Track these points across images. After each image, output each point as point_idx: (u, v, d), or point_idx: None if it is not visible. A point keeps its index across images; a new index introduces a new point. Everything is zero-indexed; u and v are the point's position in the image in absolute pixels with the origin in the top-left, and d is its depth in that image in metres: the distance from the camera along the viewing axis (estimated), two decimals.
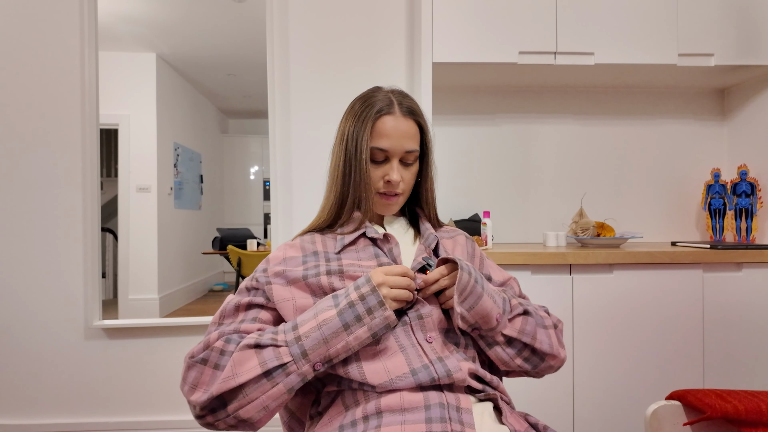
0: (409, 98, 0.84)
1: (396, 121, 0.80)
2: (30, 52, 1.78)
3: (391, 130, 0.79)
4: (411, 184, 0.85)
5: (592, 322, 1.52)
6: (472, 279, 0.71)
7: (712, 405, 0.75)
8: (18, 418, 1.79)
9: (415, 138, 0.82)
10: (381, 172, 0.81)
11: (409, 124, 0.81)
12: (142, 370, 1.82)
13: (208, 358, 0.66)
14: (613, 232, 1.76)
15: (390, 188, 0.81)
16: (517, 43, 1.63)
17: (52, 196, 1.79)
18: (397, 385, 0.65)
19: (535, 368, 0.78)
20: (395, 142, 0.79)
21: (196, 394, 0.65)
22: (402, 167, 0.82)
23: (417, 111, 0.84)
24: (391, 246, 0.81)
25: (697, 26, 1.66)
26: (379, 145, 0.79)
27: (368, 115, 0.80)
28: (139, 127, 2.07)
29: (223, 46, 2.20)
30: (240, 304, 0.74)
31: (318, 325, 0.65)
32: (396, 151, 0.80)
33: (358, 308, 0.66)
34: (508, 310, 0.75)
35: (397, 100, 0.82)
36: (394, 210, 0.84)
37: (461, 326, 0.71)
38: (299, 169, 1.88)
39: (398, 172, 0.80)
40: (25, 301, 1.78)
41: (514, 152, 2.00)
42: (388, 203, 0.83)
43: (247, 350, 0.64)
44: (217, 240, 2.48)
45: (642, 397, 1.52)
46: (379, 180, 0.81)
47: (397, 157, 0.81)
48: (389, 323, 0.66)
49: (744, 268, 1.55)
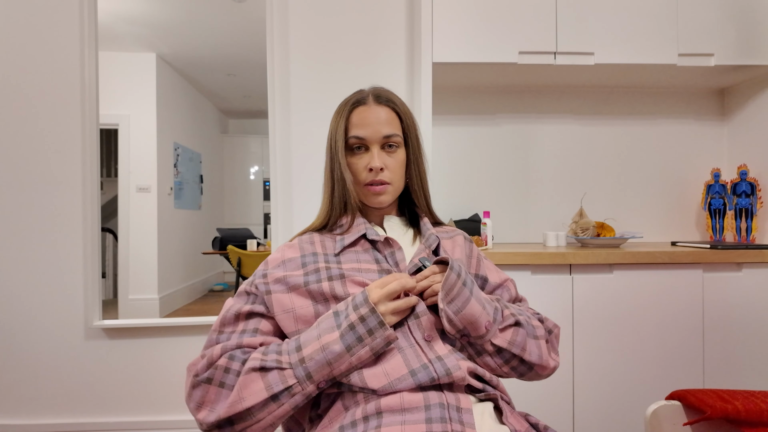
0: (387, 91, 0.86)
1: (369, 109, 0.82)
2: (30, 52, 1.78)
3: (365, 118, 0.81)
4: (398, 173, 0.84)
5: (592, 322, 1.52)
6: (459, 281, 0.71)
7: (712, 405, 0.75)
8: (18, 418, 1.79)
9: (392, 124, 0.82)
10: (363, 162, 0.82)
11: (385, 110, 0.83)
12: (142, 370, 1.82)
13: (213, 377, 0.66)
14: (613, 232, 1.76)
15: (374, 176, 0.81)
16: (517, 43, 1.63)
17: (52, 196, 1.79)
18: (397, 388, 0.65)
19: (522, 376, 0.79)
20: (371, 129, 0.81)
21: (202, 413, 0.66)
22: (385, 154, 0.82)
23: (393, 99, 0.85)
24: (393, 250, 0.80)
25: (697, 26, 1.66)
26: (355, 134, 0.81)
27: (344, 108, 0.83)
28: (139, 127, 2.07)
29: (223, 46, 2.20)
30: (240, 313, 0.74)
31: (321, 348, 0.65)
32: (374, 138, 0.81)
33: (359, 330, 0.66)
34: (499, 320, 0.75)
35: (372, 93, 0.85)
36: (385, 201, 0.83)
37: (449, 331, 0.71)
38: (299, 169, 1.88)
39: (380, 159, 0.80)
40: (25, 301, 1.78)
41: (514, 152, 2.00)
42: (375, 193, 0.82)
43: (252, 373, 0.65)
44: (217, 240, 2.48)
45: (642, 397, 1.52)
46: (363, 170, 0.82)
47: (377, 144, 0.81)
48: (390, 341, 0.67)
49: (744, 268, 1.55)
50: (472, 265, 0.88)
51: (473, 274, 0.87)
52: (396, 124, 0.83)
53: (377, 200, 0.83)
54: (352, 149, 0.82)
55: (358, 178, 0.82)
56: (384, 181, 0.82)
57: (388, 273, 0.77)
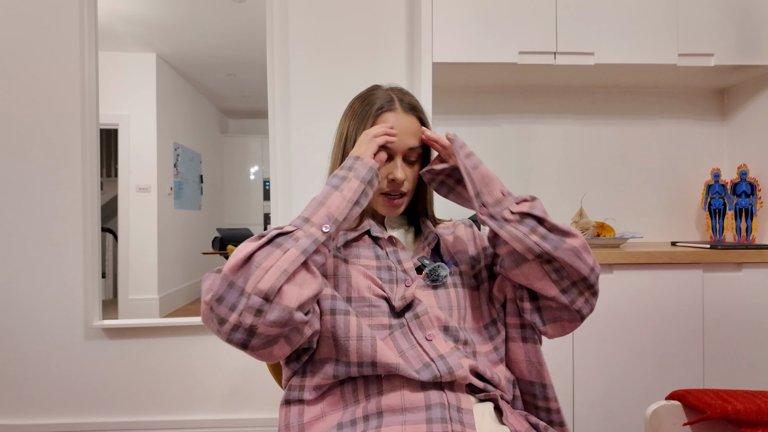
0: (409, 95, 0.83)
1: (397, 117, 0.79)
2: (30, 52, 1.78)
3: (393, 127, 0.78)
4: (415, 184, 0.83)
5: (592, 322, 1.52)
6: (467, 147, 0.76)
7: (712, 405, 0.75)
8: (18, 418, 1.79)
9: (417, 134, 0.80)
10: (385, 171, 0.79)
11: (411, 120, 0.80)
12: (142, 370, 1.82)
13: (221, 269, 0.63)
14: (613, 232, 1.76)
15: (395, 187, 0.79)
16: (517, 43, 1.63)
17: (52, 196, 1.79)
18: (403, 371, 0.65)
19: (556, 249, 0.68)
20: (398, 139, 0.77)
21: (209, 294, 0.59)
22: (406, 166, 0.80)
23: (418, 107, 0.82)
24: (396, 249, 0.80)
25: (697, 26, 1.66)
26: None
27: (369, 113, 0.79)
28: (139, 127, 2.06)
29: (223, 46, 2.20)
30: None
31: (312, 200, 0.70)
32: (399, 149, 0.78)
33: (342, 172, 0.71)
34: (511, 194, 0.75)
35: (397, 96, 0.81)
36: (398, 212, 0.82)
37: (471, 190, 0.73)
38: (299, 169, 1.88)
39: (402, 170, 0.78)
40: (25, 301, 1.78)
41: (514, 152, 2.00)
42: (392, 205, 0.80)
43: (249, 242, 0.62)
44: (217, 240, 2.47)
45: (642, 397, 1.52)
46: (383, 179, 0.79)
47: (401, 155, 0.79)
48: (371, 166, 0.71)
49: (744, 268, 1.55)
50: (477, 244, 0.87)
51: (482, 248, 0.86)
52: (420, 135, 0.81)
53: (393, 211, 0.82)
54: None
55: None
56: (403, 193, 0.80)
57: (387, 269, 0.77)
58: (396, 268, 0.77)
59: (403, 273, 0.77)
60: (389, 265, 0.77)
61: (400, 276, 0.76)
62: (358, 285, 0.72)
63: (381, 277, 0.75)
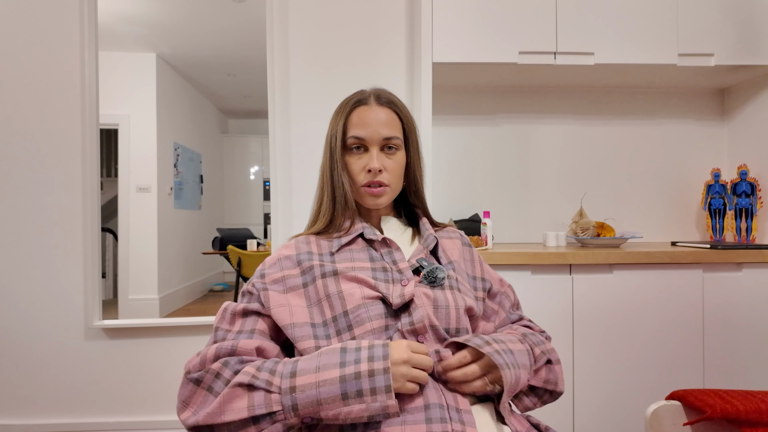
0: (388, 93, 0.85)
1: (370, 109, 0.81)
2: (30, 52, 1.78)
3: (365, 118, 0.80)
4: (397, 176, 0.83)
5: (592, 322, 1.52)
6: (512, 372, 0.66)
7: (712, 405, 0.75)
8: (18, 418, 1.79)
9: (392, 125, 0.82)
10: (362, 163, 0.81)
11: (386, 112, 0.82)
12: (142, 370, 1.82)
13: (202, 380, 0.66)
14: (613, 232, 1.76)
15: (372, 177, 0.80)
16: (517, 43, 1.63)
17: (53, 195, 1.79)
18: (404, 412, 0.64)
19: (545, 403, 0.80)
20: (371, 129, 0.80)
21: (185, 414, 0.65)
22: (384, 156, 0.81)
23: (394, 101, 0.84)
24: (391, 250, 0.80)
25: (697, 26, 1.66)
26: (354, 134, 0.80)
27: (344, 109, 0.82)
28: (139, 127, 2.07)
29: (223, 46, 2.20)
30: (236, 311, 0.73)
31: (316, 383, 0.61)
32: (373, 139, 0.80)
33: (363, 384, 0.61)
34: (533, 363, 0.74)
35: (374, 93, 0.84)
36: (382, 203, 0.83)
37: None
38: (299, 169, 1.88)
39: (378, 160, 0.79)
40: (25, 301, 1.78)
41: (514, 152, 2.00)
42: (373, 195, 0.81)
43: (239, 389, 0.63)
44: (217, 240, 2.47)
45: (642, 397, 1.52)
46: (361, 171, 0.81)
47: (377, 146, 0.80)
48: (389, 413, 0.61)
49: (744, 268, 1.55)
50: (476, 269, 0.88)
51: (479, 278, 0.87)
52: (397, 126, 0.82)
53: (374, 202, 0.82)
54: (350, 149, 0.82)
55: (355, 179, 0.81)
56: (382, 183, 0.81)
57: (383, 270, 0.77)
58: (391, 269, 0.77)
59: (399, 273, 0.77)
60: (384, 266, 0.77)
61: (396, 276, 0.76)
62: (351, 295, 0.72)
63: (376, 277, 0.75)
